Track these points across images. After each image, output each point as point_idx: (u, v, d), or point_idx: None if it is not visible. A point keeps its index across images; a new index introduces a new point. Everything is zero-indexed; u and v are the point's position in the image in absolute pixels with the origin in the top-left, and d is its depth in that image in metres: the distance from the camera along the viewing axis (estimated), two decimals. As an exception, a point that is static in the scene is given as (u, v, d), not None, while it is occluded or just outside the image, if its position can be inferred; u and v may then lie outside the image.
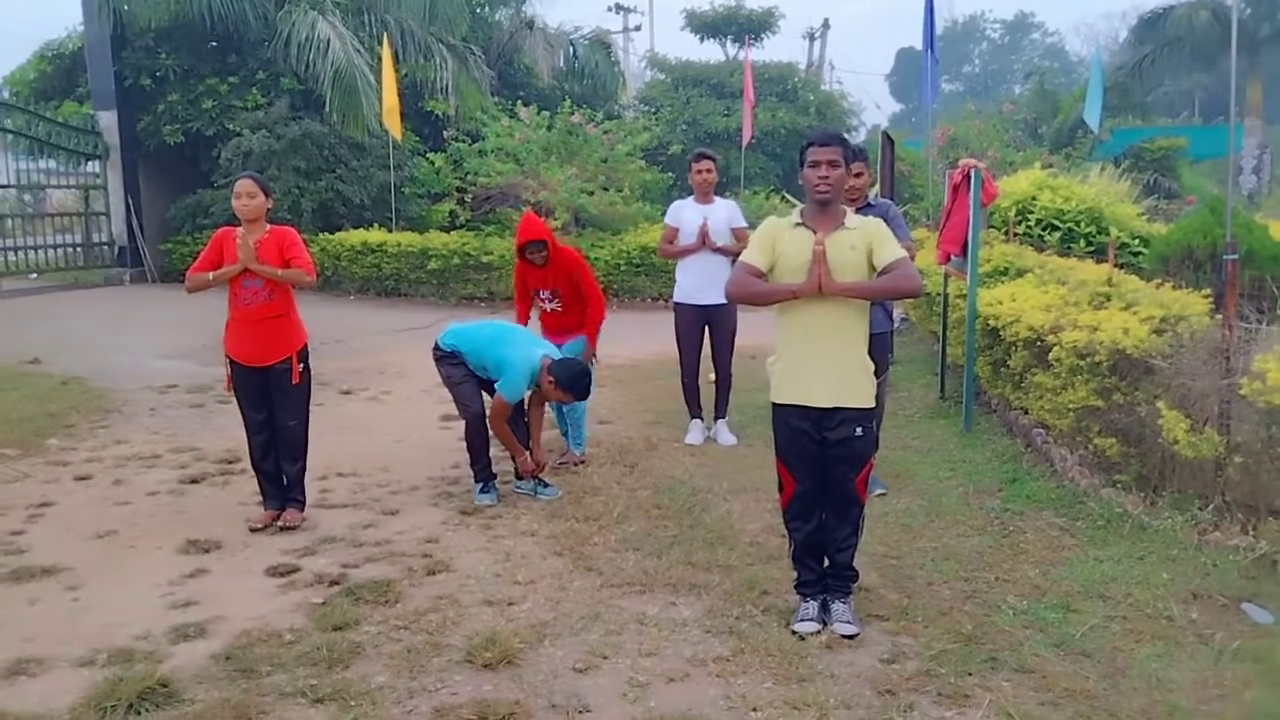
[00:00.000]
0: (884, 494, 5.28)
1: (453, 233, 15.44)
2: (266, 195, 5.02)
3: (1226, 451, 4.31)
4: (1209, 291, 5.45)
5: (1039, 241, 9.34)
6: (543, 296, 6.10)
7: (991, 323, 6.15)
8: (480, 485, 5.39)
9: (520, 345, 5.32)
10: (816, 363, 3.63)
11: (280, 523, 5.03)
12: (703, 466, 6.02)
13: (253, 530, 4.96)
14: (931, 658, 3.52)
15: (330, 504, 5.41)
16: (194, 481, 5.89)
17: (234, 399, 5.21)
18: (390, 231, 15.46)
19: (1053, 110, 23.29)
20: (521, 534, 4.87)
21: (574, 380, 5.21)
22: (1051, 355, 5.17)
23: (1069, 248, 9.34)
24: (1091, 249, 9.38)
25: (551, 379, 5.19)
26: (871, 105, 48.92)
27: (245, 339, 5.01)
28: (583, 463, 6.13)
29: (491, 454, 5.49)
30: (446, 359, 5.43)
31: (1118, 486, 4.90)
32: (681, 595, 4.09)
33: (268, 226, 5.02)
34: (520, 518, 5.12)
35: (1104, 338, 4.83)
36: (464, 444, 5.42)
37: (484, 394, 5.45)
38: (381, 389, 8.57)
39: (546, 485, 5.48)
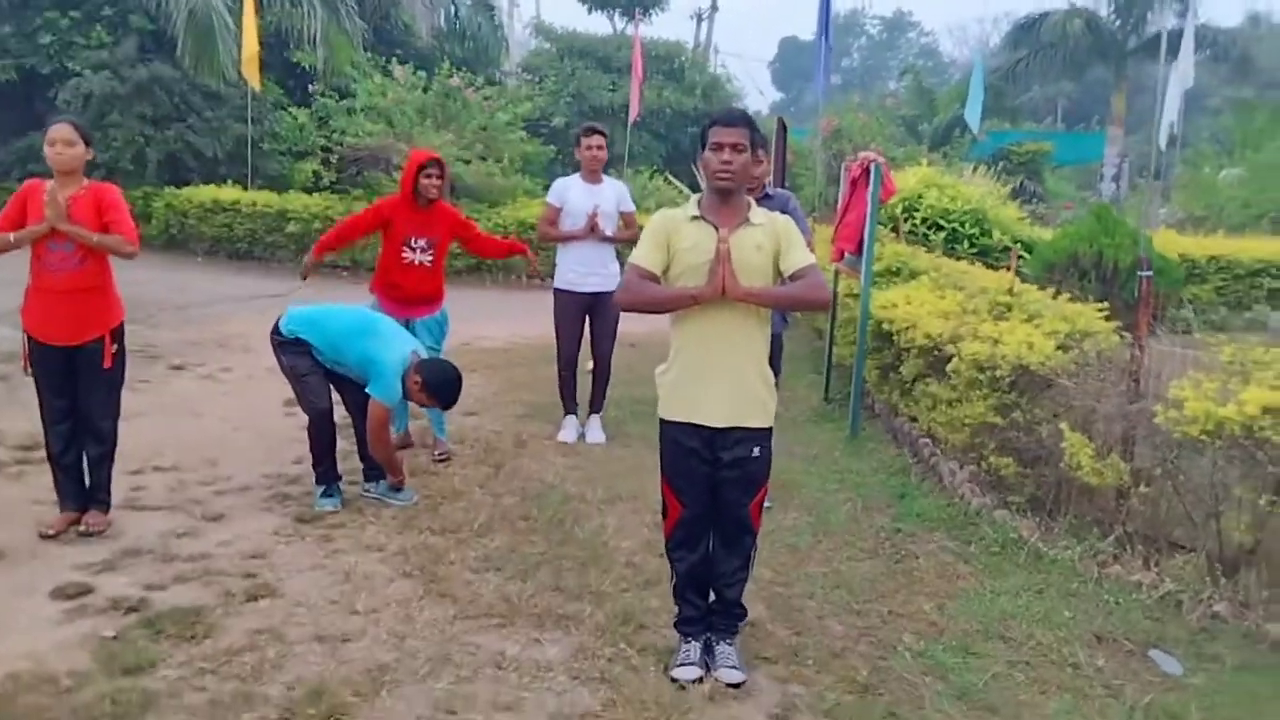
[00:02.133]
0: (770, 508, 4.89)
1: (315, 194, 14.40)
2: (87, 144, 4.21)
3: (1131, 480, 4.08)
4: (1106, 305, 5.26)
5: (924, 241, 9.19)
6: (415, 245, 5.43)
7: (885, 326, 5.85)
8: (322, 488, 4.75)
9: (388, 340, 4.67)
10: (712, 375, 3.17)
11: (80, 527, 4.29)
12: (576, 469, 5.51)
13: (44, 537, 4.19)
14: (825, 712, 3.13)
15: (142, 505, 4.67)
16: (-19, 472, 5.04)
17: (33, 381, 4.41)
18: (246, 189, 14.31)
19: (930, 108, 23.66)
20: (366, 548, 4.27)
21: (444, 386, 4.62)
22: (950, 366, 4.88)
23: (953, 248, 9.22)
24: (975, 250, 9.30)
25: (419, 380, 4.58)
26: (755, 91, 49.05)
27: (49, 313, 4.21)
28: (448, 457, 5.55)
29: (338, 449, 4.86)
30: (288, 346, 4.74)
31: (1011, 508, 4.65)
32: (547, 630, 3.59)
33: (86, 182, 4.22)
34: (366, 528, 4.51)
35: (1006, 351, 4.56)
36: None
37: (331, 387, 4.80)
38: (221, 365, 7.73)
39: (399, 489, 4.88)
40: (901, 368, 5.80)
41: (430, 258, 5.45)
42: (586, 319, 6.10)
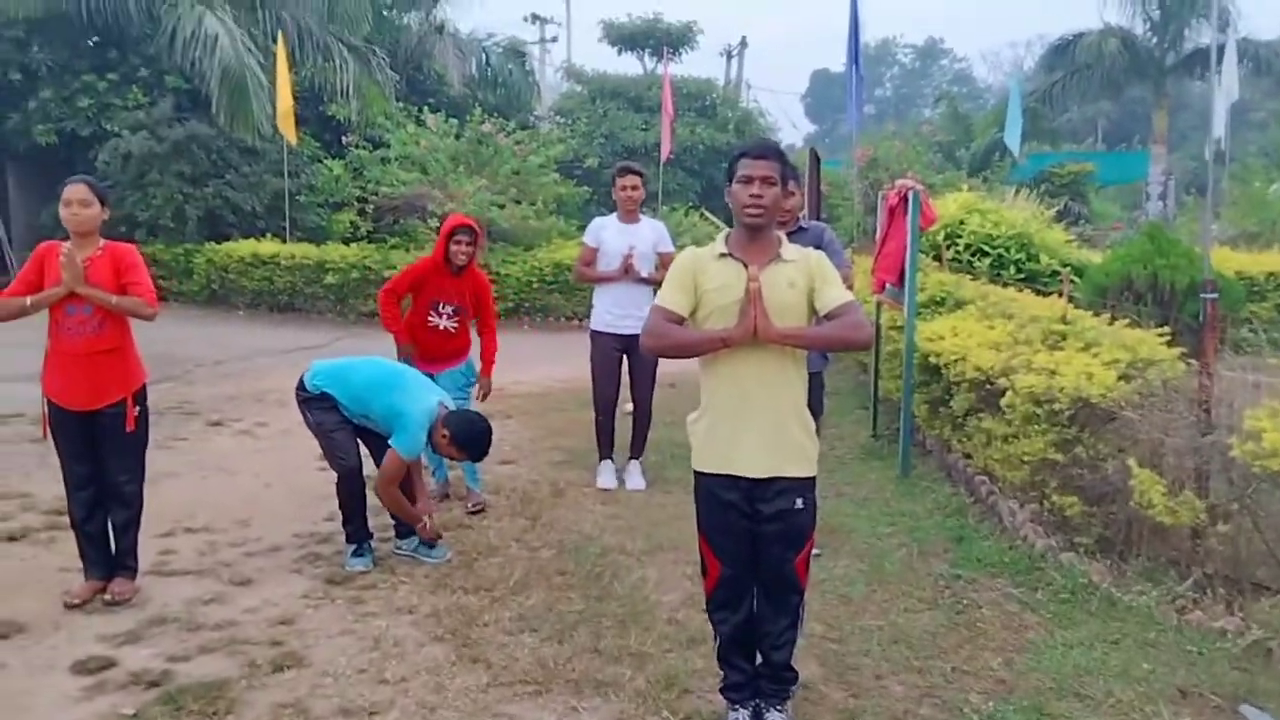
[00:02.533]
0: (819, 555, 4.65)
1: (353, 245, 14.46)
2: (103, 204, 4.15)
3: (1208, 518, 3.79)
4: (1167, 329, 4.98)
5: (968, 268, 8.91)
6: (443, 311, 5.35)
7: (932, 359, 5.60)
8: (353, 547, 4.59)
9: (414, 392, 4.51)
10: (748, 423, 2.96)
11: (106, 595, 4.16)
12: (615, 518, 5.32)
13: (69, 606, 4.08)
14: (888, 785, 2.88)
15: (170, 570, 4.54)
16: (12, 539, 4.94)
17: (53, 447, 4.32)
18: (284, 242, 14.42)
19: (966, 134, 23.36)
20: (397, 611, 4.09)
21: (474, 439, 4.45)
22: (1004, 401, 4.62)
23: (998, 274, 8.93)
24: (1022, 276, 9.00)
25: (447, 433, 4.42)
26: (788, 124, 49.01)
27: (69, 377, 4.11)
28: (483, 509, 5.39)
29: (369, 506, 4.70)
30: (314, 402, 4.61)
31: (1079, 551, 4.36)
32: (585, 697, 3.38)
33: (102, 242, 4.16)
34: (398, 588, 4.34)
35: (1064, 383, 4.29)
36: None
37: (360, 442, 4.66)
38: (257, 419, 7.65)
39: (433, 546, 4.71)
40: (952, 402, 5.54)
41: (455, 324, 5.36)
42: (624, 361, 5.94)
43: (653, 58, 24.97)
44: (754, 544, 3.03)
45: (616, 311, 5.83)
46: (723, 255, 2.99)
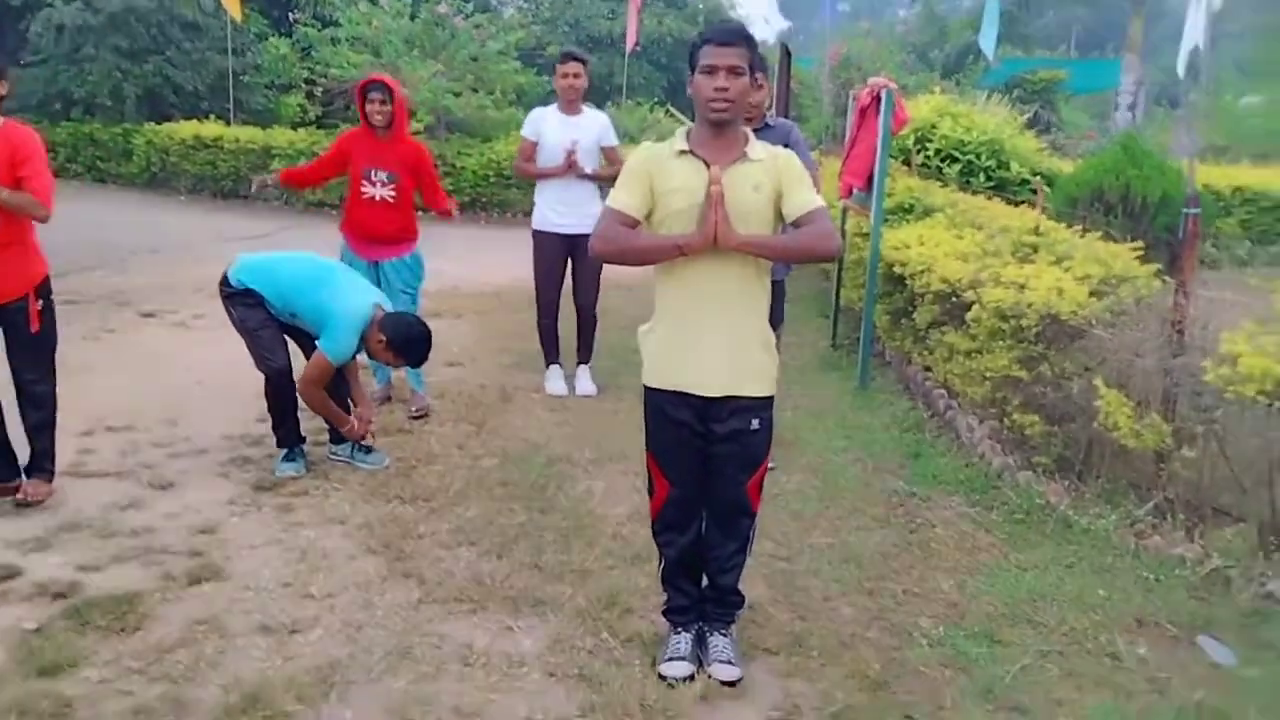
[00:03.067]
0: (773, 468, 4.49)
1: (301, 130, 13.83)
2: (1, 77, 3.73)
3: (1174, 443, 3.67)
4: (1140, 244, 4.79)
5: (937, 174, 8.65)
6: (375, 179, 5.00)
7: (897, 269, 5.38)
8: (284, 452, 4.36)
9: (346, 291, 4.20)
10: (705, 337, 2.73)
11: (19, 496, 3.91)
12: (563, 426, 5.12)
13: (-24, 509, 3.83)
14: (833, 715, 2.76)
15: (88, 471, 4.28)
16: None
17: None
18: (229, 125, 13.74)
19: (941, 35, 22.81)
20: (328, 520, 3.89)
21: (411, 344, 4.19)
22: (970, 315, 4.44)
23: (967, 182, 8.69)
24: (991, 184, 8.77)
25: (383, 338, 4.15)
26: (760, 20, 47.57)
27: None
28: (426, 414, 5.16)
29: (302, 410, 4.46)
30: (238, 298, 4.30)
31: (1037, 470, 4.24)
32: (522, 615, 3.22)
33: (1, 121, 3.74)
34: (330, 496, 4.13)
35: (1034, 298, 4.10)
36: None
37: (288, 340, 4.38)
38: (193, 312, 7.29)
39: (370, 451, 4.49)
40: (915, 314, 5.35)
41: (392, 192, 5.01)
42: (568, 262, 5.66)
43: (622, -58, 23.89)
44: (705, 464, 2.84)
45: (560, 209, 5.53)
46: (683, 152, 2.71)
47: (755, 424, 2.78)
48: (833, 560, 3.70)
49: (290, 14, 15.20)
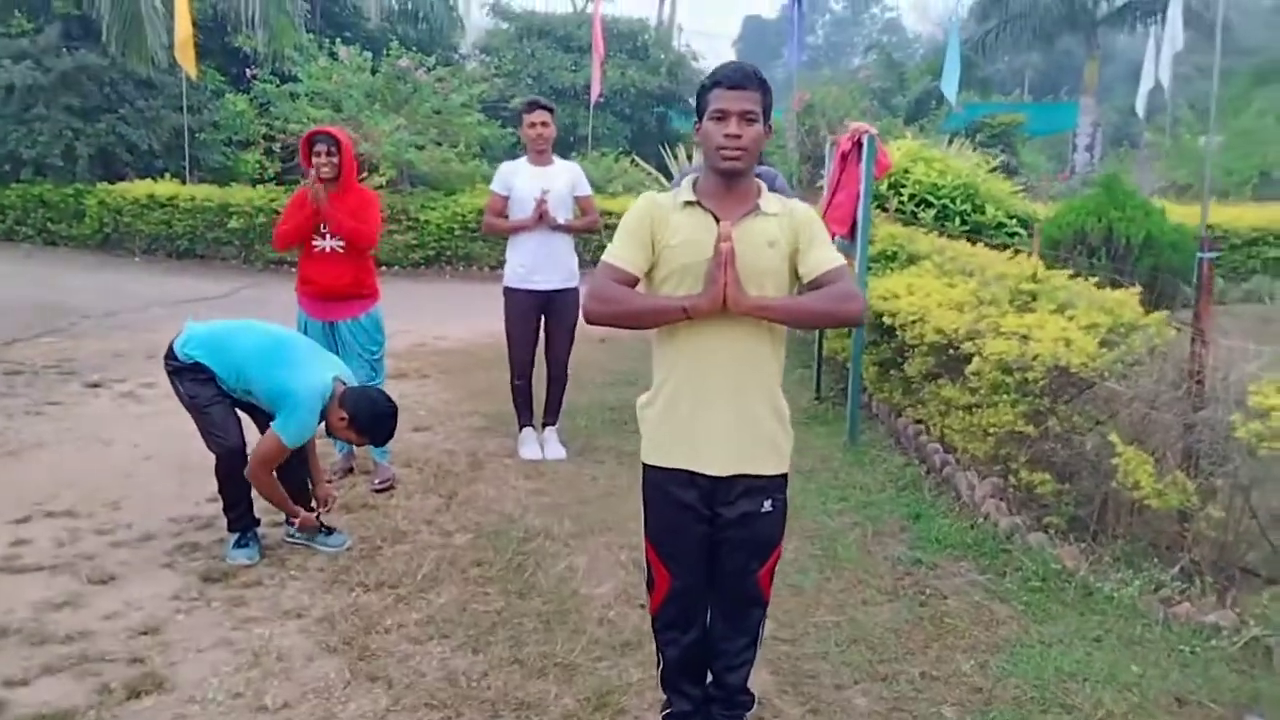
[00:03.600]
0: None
1: (259, 187, 13.50)
2: None
3: (1200, 501, 3.42)
4: (1138, 288, 4.60)
5: (913, 219, 8.50)
6: (323, 230, 4.73)
7: (885, 319, 5.15)
8: (235, 537, 4.00)
9: (304, 365, 3.87)
10: (711, 410, 2.43)
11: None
12: (539, 495, 4.80)
13: (-111, 614, 3.43)
14: (860, 831, 2.45)
15: (21, 565, 3.88)
16: None
17: None
18: (185, 183, 13.39)
19: (900, 82, 23.00)
20: (284, 615, 3.52)
21: (376, 422, 3.88)
22: (970, 368, 4.19)
23: (943, 226, 8.54)
24: (967, 227, 8.63)
25: (345, 415, 3.83)
26: (720, 69, 47.98)
27: None
28: (391, 486, 4.83)
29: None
30: (186, 372, 3.96)
31: (1049, 531, 3.98)
32: (503, 721, 2.88)
33: None
34: (287, 586, 3.76)
35: (1039, 350, 3.87)
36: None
37: (242, 415, 4.05)
38: (143, 380, 6.89)
39: (331, 532, 4.14)
40: (906, 365, 5.12)
41: (342, 243, 4.72)
42: (541, 320, 5.38)
43: (583, -5, 23.99)
44: (712, 552, 2.54)
45: (531, 265, 5.27)
46: (689, 203, 2.43)
47: (768, 505, 2.48)
48: (841, 641, 3.39)
49: (248, 70, 14.92)
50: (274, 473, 3.86)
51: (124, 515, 4.43)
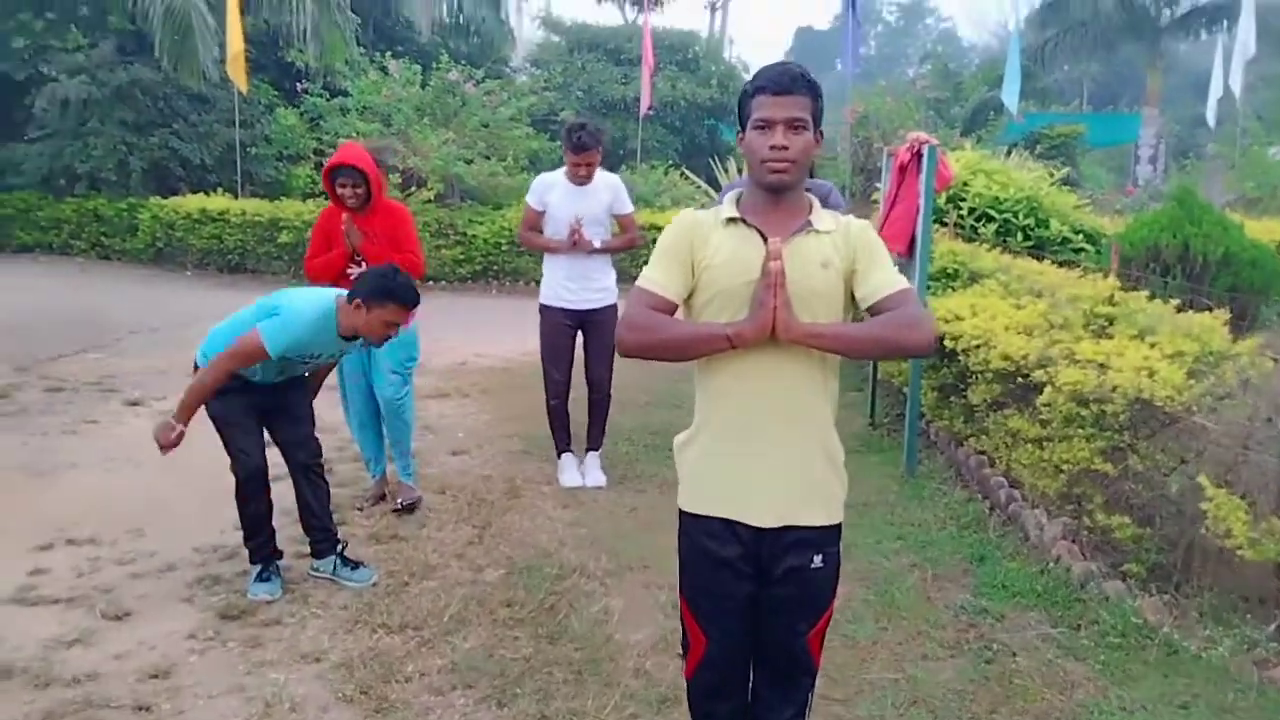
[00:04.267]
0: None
1: (308, 201, 13.51)
2: None
3: (1303, 555, 3.08)
4: (1225, 313, 4.24)
5: (973, 234, 8.14)
6: (356, 259, 4.55)
7: (947, 343, 4.84)
8: (257, 569, 3.82)
9: (301, 293, 3.69)
10: (758, 453, 2.16)
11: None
12: (576, 527, 4.56)
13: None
14: None
15: (36, 597, 3.74)
16: None
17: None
18: (236, 197, 13.44)
19: (957, 92, 22.52)
20: (302, 658, 3.32)
21: (387, 281, 3.55)
22: (1041, 399, 3.87)
23: (1004, 241, 8.17)
24: (1030, 243, 8.24)
25: (359, 303, 3.51)
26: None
27: None
28: (413, 506, 4.64)
29: (276, 521, 3.93)
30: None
31: (1127, 581, 3.64)
32: (527, 789, 2.64)
33: None
34: (307, 626, 3.57)
35: (1119, 380, 3.55)
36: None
37: (266, 435, 3.88)
38: (182, 399, 6.78)
39: (357, 566, 3.95)
40: (968, 392, 4.80)
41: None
42: (577, 338, 5.17)
43: (633, 7, 23.89)
44: (755, 612, 2.27)
45: (568, 284, 5.06)
46: (732, 220, 2.17)
47: (818, 561, 2.20)
48: (899, 702, 3.10)
49: (299, 84, 14.99)
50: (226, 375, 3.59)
51: (147, 543, 4.28)
